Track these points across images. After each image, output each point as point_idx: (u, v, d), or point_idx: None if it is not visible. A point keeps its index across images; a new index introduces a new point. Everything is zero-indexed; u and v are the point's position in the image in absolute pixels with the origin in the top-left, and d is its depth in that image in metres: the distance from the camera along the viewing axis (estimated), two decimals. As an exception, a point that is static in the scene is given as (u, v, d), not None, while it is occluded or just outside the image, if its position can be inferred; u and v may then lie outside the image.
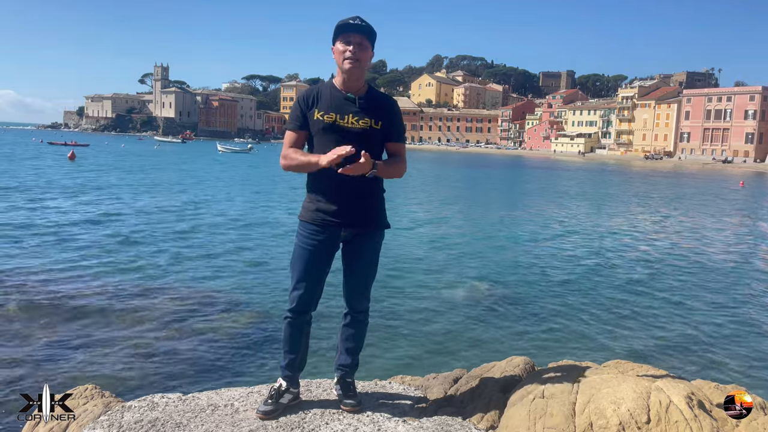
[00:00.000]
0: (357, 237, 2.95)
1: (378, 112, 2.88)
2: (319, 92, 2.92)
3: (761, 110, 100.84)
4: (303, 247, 2.93)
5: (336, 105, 2.85)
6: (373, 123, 2.86)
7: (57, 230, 15.17)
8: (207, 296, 9.77)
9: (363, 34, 2.82)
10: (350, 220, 2.89)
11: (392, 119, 2.94)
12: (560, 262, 13.95)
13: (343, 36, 2.83)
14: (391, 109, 2.95)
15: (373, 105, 2.89)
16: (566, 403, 2.78)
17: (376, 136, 2.88)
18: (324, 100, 2.88)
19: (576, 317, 9.39)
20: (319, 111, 2.86)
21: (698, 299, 10.82)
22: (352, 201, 2.87)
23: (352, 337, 3.12)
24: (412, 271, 12.14)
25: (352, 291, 3.05)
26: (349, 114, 2.84)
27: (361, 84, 2.91)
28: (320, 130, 2.86)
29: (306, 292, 2.94)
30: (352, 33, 2.81)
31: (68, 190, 25.15)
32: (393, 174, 2.93)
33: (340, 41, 2.84)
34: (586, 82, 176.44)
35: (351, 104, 2.86)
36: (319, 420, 2.87)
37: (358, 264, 3.00)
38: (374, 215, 2.96)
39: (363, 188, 2.86)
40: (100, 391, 3.66)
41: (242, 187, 31.19)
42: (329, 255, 2.96)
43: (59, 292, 9.48)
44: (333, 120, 2.83)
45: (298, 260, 2.95)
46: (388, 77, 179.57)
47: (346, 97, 2.87)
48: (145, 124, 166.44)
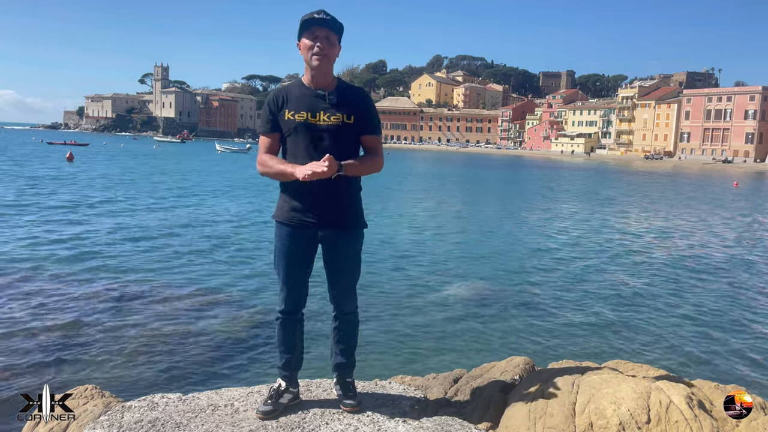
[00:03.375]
0: (334, 237, 2.90)
1: (349, 107, 2.83)
2: (288, 92, 2.87)
3: (761, 110, 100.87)
4: (281, 249, 2.91)
5: (306, 103, 2.81)
6: (345, 118, 2.81)
7: (57, 230, 15.17)
8: (207, 296, 9.77)
9: (329, 28, 2.77)
10: (326, 220, 2.85)
11: (364, 112, 2.87)
12: (560, 262, 13.95)
13: (309, 31, 2.77)
14: (362, 101, 2.89)
15: (344, 99, 2.84)
16: (566, 403, 2.78)
17: (350, 130, 2.83)
18: (293, 99, 2.84)
19: (576, 317, 9.39)
20: (290, 111, 2.82)
21: (698, 299, 10.82)
22: (325, 201, 2.82)
23: (344, 338, 3.10)
24: (412, 271, 12.13)
25: (337, 293, 3.02)
26: (320, 111, 2.80)
27: (330, 79, 2.85)
28: (292, 130, 2.82)
29: (291, 293, 2.94)
30: (318, 27, 2.75)
31: (67, 191, 25.15)
32: (367, 170, 2.86)
33: (306, 36, 2.78)
34: (586, 82, 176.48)
35: (321, 101, 2.81)
36: (319, 420, 2.87)
37: (340, 265, 2.97)
38: (350, 215, 2.91)
39: (336, 188, 2.80)
40: (100, 391, 3.66)
41: (243, 188, 31.16)
42: (309, 255, 2.94)
43: (59, 292, 9.48)
44: (304, 119, 2.79)
45: (279, 261, 2.94)
46: (388, 77, 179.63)
47: (316, 93, 2.82)
48: (145, 124, 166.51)
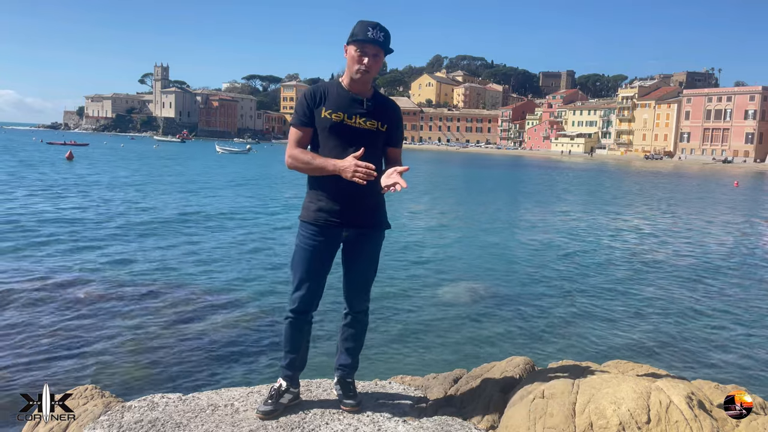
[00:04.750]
0: (358, 237, 2.94)
1: (384, 116, 2.91)
2: (327, 90, 2.90)
3: (761, 110, 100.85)
4: (304, 248, 2.93)
5: (344, 104, 2.84)
6: (379, 125, 2.88)
7: (57, 231, 15.17)
8: (207, 296, 9.77)
9: (382, 48, 2.82)
10: (351, 220, 2.89)
11: (396, 124, 2.98)
12: (560, 262, 13.95)
13: (361, 44, 2.79)
14: (395, 113, 2.99)
15: (380, 108, 2.91)
16: (566, 403, 2.78)
17: (380, 139, 2.90)
18: (331, 98, 2.86)
19: (576, 317, 9.39)
20: (327, 109, 2.84)
21: (698, 299, 10.82)
22: (354, 201, 2.86)
23: (352, 337, 3.12)
24: (412, 271, 12.14)
25: (352, 291, 3.05)
26: (356, 114, 2.84)
27: (367, 89, 2.91)
28: (326, 129, 2.84)
29: (307, 293, 2.94)
30: (370, 44, 2.78)
31: (69, 189, 25.16)
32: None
33: (356, 47, 2.80)
34: (586, 82, 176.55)
35: (358, 105, 2.86)
36: (319, 420, 2.87)
37: (359, 264, 3.00)
38: (375, 215, 2.97)
39: (364, 188, 2.83)
40: (100, 391, 3.66)
41: (243, 187, 31.17)
42: (330, 255, 2.96)
43: (59, 292, 9.47)
44: (341, 119, 2.82)
45: (299, 261, 2.95)
46: (388, 77, 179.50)
47: (354, 97, 2.86)
48: (145, 124, 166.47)
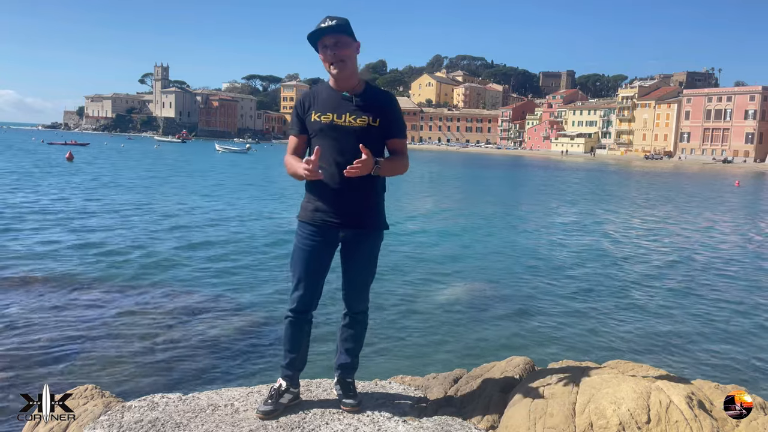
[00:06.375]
0: (356, 237, 2.94)
1: (375, 110, 2.86)
2: (316, 94, 2.91)
3: (761, 110, 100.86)
4: (302, 248, 2.93)
5: (332, 104, 2.84)
6: (371, 120, 2.83)
7: (57, 230, 15.17)
8: (207, 296, 9.77)
9: (335, 32, 2.78)
10: (349, 220, 2.88)
11: (391, 116, 2.90)
12: (560, 262, 13.94)
13: (319, 43, 2.81)
14: (389, 105, 2.92)
15: (370, 102, 2.87)
16: (566, 403, 2.78)
17: (375, 133, 2.86)
18: (320, 101, 2.87)
19: (576, 317, 9.39)
20: (316, 112, 2.85)
21: (698, 299, 10.81)
22: (351, 201, 2.85)
23: (352, 338, 3.12)
24: (412, 271, 12.13)
25: (351, 291, 3.05)
26: (346, 113, 2.82)
27: (354, 82, 2.88)
28: (318, 131, 2.85)
29: (306, 293, 2.94)
30: (325, 36, 2.78)
31: (68, 189, 25.17)
32: (395, 171, 2.91)
33: (319, 49, 2.83)
34: (586, 82, 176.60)
35: (348, 103, 2.84)
36: (319, 420, 2.87)
37: (357, 264, 3.00)
38: (373, 216, 2.95)
39: (362, 188, 2.84)
40: (100, 391, 3.66)
41: (243, 187, 31.17)
42: (328, 255, 2.96)
43: (59, 292, 9.47)
44: (330, 120, 2.82)
45: (297, 261, 2.95)
46: (388, 77, 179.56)
47: (343, 96, 2.85)
48: (145, 124, 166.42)
